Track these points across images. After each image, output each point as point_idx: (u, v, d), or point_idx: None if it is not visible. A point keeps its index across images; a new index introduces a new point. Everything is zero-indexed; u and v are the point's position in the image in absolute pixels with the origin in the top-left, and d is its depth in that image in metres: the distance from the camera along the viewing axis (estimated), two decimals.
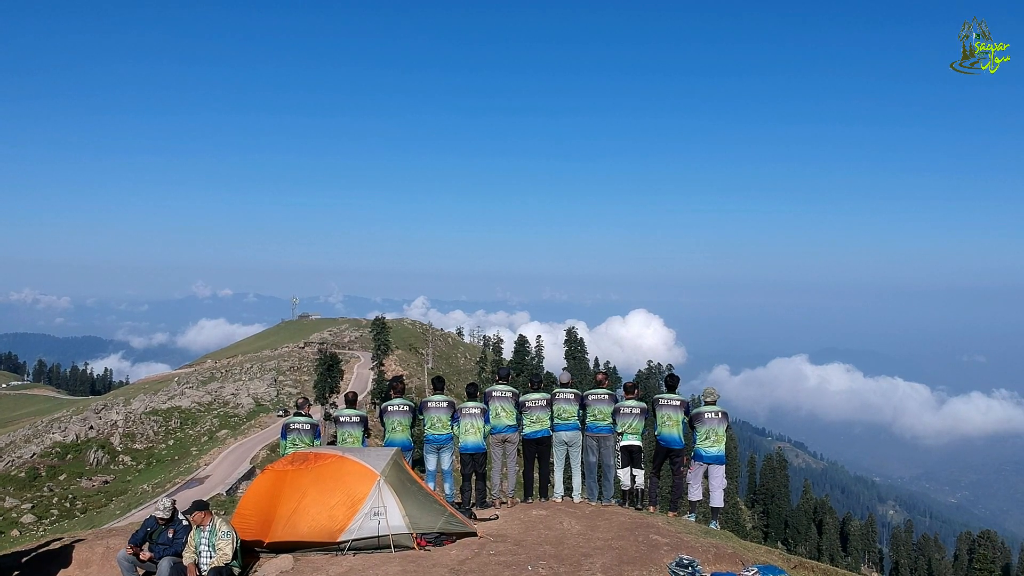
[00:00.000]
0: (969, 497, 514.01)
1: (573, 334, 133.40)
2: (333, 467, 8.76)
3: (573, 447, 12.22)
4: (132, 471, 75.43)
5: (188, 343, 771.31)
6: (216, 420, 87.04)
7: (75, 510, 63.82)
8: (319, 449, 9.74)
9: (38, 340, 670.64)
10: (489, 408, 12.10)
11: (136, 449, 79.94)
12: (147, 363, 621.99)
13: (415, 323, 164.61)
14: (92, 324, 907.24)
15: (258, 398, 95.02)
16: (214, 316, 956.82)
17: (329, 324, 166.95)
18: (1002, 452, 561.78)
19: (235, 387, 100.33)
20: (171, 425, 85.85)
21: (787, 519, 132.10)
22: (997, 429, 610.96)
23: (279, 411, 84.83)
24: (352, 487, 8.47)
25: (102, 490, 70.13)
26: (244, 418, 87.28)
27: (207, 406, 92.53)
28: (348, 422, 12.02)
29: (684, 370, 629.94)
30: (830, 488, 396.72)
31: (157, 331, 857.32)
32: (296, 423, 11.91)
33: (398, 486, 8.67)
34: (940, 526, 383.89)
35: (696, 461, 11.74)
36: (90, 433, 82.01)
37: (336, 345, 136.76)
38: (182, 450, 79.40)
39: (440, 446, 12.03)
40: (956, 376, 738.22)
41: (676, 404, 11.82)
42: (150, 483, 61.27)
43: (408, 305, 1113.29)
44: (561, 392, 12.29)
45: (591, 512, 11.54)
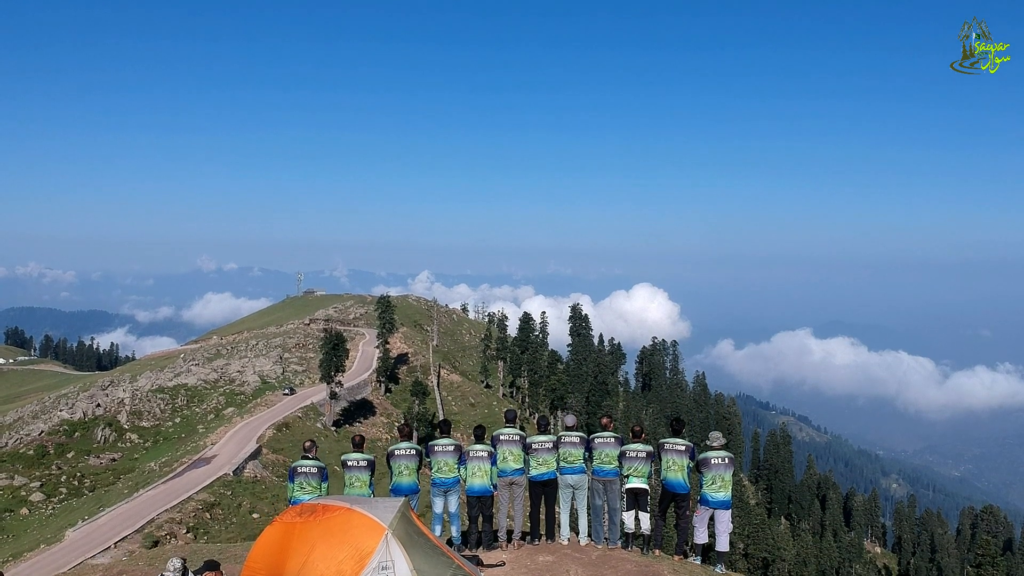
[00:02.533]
0: (973, 470, 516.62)
1: (577, 310, 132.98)
2: (341, 520, 8.68)
3: (579, 490, 12.21)
4: (139, 449, 75.81)
5: (194, 317, 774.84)
6: (222, 398, 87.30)
7: (83, 488, 64.20)
8: (327, 500, 9.63)
9: (44, 314, 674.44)
10: (496, 452, 12.13)
11: (143, 427, 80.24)
12: (152, 337, 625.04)
13: (420, 299, 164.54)
14: (97, 298, 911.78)
15: (264, 376, 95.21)
16: (219, 290, 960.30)
17: (334, 300, 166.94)
18: (1006, 426, 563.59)
19: (241, 364, 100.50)
20: (178, 403, 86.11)
21: (791, 494, 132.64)
22: (1001, 403, 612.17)
23: (285, 389, 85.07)
24: (360, 541, 8.39)
25: (110, 468, 70.52)
26: (250, 396, 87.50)
27: (213, 384, 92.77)
28: (356, 466, 12.01)
29: (688, 344, 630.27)
30: (833, 462, 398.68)
31: (162, 305, 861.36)
32: (303, 467, 11.93)
33: (406, 539, 8.56)
34: (943, 500, 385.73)
35: (702, 505, 11.72)
36: (97, 411, 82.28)
37: (341, 322, 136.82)
38: (189, 428, 79.74)
39: (447, 489, 12.13)
40: (961, 350, 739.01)
41: (681, 449, 11.79)
42: (157, 461, 61.55)
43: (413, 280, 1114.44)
44: (567, 436, 12.25)
45: (597, 558, 11.51)
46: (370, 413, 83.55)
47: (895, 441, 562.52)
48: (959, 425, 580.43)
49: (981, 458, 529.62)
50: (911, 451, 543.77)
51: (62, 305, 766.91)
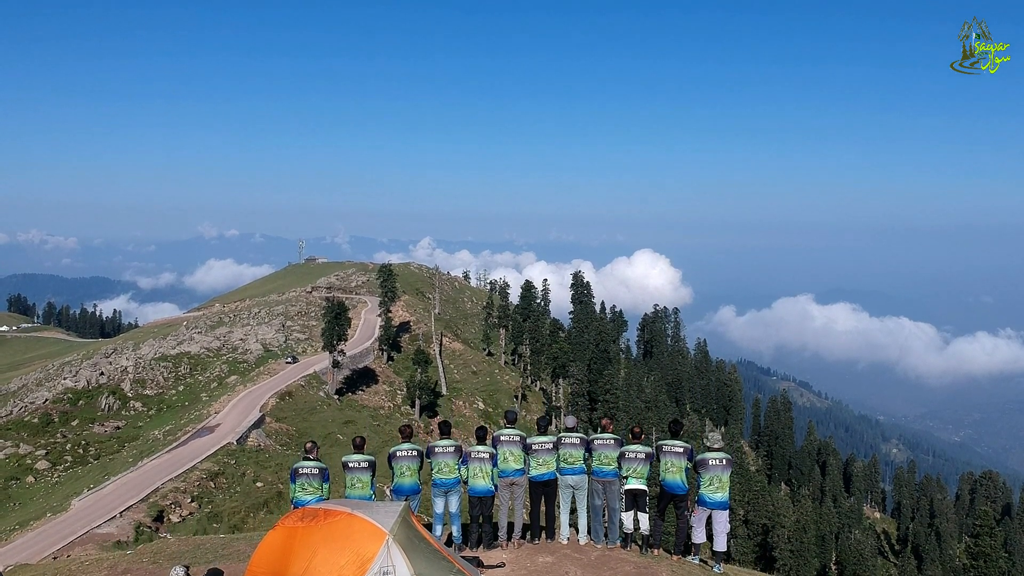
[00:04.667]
0: (972, 435, 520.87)
1: (579, 278, 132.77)
2: (342, 525, 8.70)
3: (579, 490, 12.35)
4: (143, 417, 76.15)
5: (196, 283, 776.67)
6: (225, 366, 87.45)
7: (88, 456, 64.59)
8: (329, 505, 9.62)
9: (46, 281, 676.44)
10: (497, 452, 12.24)
11: (147, 395, 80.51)
12: (155, 303, 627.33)
13: (421, 267, 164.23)
14: (99, 265, 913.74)
15: (266, 344, 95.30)
16: (221, 256, 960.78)
17: (336, 268, 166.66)
18: (1006, 391, 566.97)
19: (243, 332, 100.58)
20: (181, 371, 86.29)
21: (791, 460, 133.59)
22: (1002, 369, 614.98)
23: (287, 358, 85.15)
24: (361, 546, 8.40)
25: (114, 436, 70.88)
26: (253, 364, 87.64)
27: (216, 351, 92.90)
28: (357, 467, 12.10)
29: (690, 310, 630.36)
30: (834, 427, 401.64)
31: (164, 271, 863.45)
32: (304, 468, 11.98)
33: (407, 544, 8.57)
34: (943, 464, 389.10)
35: (700, 506, 11.81)
36: (100, 379, 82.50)
37: (343, 290, 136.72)
38: (192, 396, 79.99)
39: (447, 490, 12.24)
40: (962, 316, 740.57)
41: (680, 451, 11.88)
42: (161, 430, 61.79)
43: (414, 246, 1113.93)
44: (567, 436, 12.37)
45: (596, 558, 11.63)
46: (372, 381, 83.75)
47: (895, 407, 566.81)
48: (959, 391, 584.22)
49: (981, 423, 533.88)
50: (911, 416, 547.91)
51: (64, 272, 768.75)
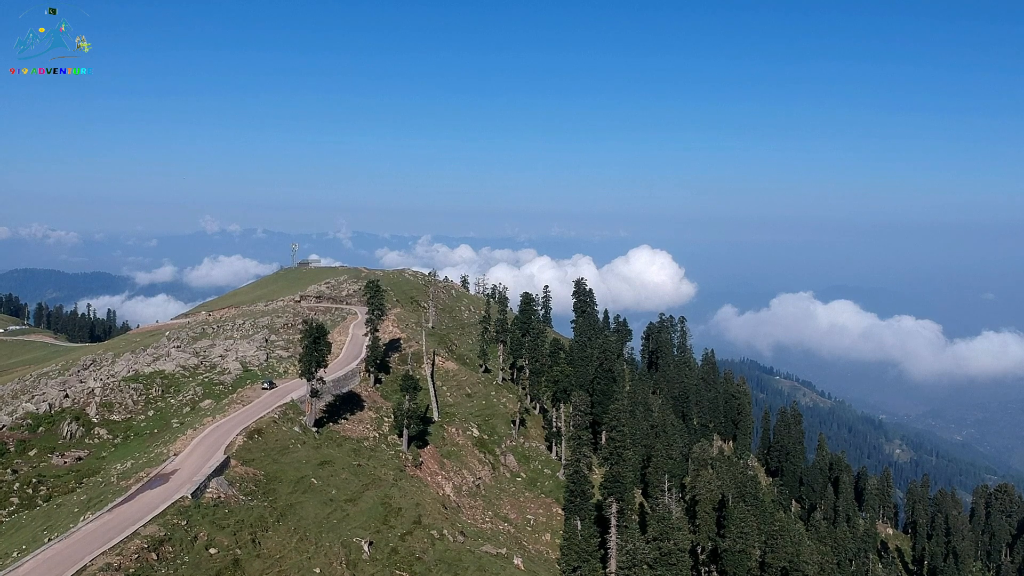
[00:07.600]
0: (975, 435, 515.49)
1: (581, 286, 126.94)
2: None
3: None
4: (108, 446, 70.17)
5: (200, 278, 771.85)
6: (200, 388, 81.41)
7: (38, 497, 58.64)
8: None
9: (46, 276, 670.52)
10: None
11: (113, 421, 74.47)
12: (155, 298, 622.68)
13: (416, 274, 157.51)
14: (101, 259, 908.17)
15: (246, 363, 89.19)
16: (223, 251, 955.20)
17: (328, 274, 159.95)
18: (1008, 390, 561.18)
19: (224, 347, 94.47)
20: (152, 393, 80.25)
21: (802, 477, 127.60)
22: (1005, 367, 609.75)
23: (264, 383, 78.74)
24: None
25: (73, 468, 64.92)
26: (229, 387, 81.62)
27: (192, 370, 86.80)
28: None
29: (693, 309, 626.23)
30: (837, 427, 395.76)
31: (165, 266, 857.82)
32: None
33: None
34: (947, 465, 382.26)
35: None
36: (65, 402, 76.44)
37: (333, 299, 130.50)
38: (162, 422, 74.04)
39: None
40: (965, 314, 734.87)
41: None
42: (117, 475, 55.45)
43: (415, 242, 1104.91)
44: None
45: None
46: (357, 408, 77.35)
47: (897, 405, 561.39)
48: (961, 390, 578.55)
49: (983, 423, 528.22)
50: (913, 415, 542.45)
51: (64, 267, 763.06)
